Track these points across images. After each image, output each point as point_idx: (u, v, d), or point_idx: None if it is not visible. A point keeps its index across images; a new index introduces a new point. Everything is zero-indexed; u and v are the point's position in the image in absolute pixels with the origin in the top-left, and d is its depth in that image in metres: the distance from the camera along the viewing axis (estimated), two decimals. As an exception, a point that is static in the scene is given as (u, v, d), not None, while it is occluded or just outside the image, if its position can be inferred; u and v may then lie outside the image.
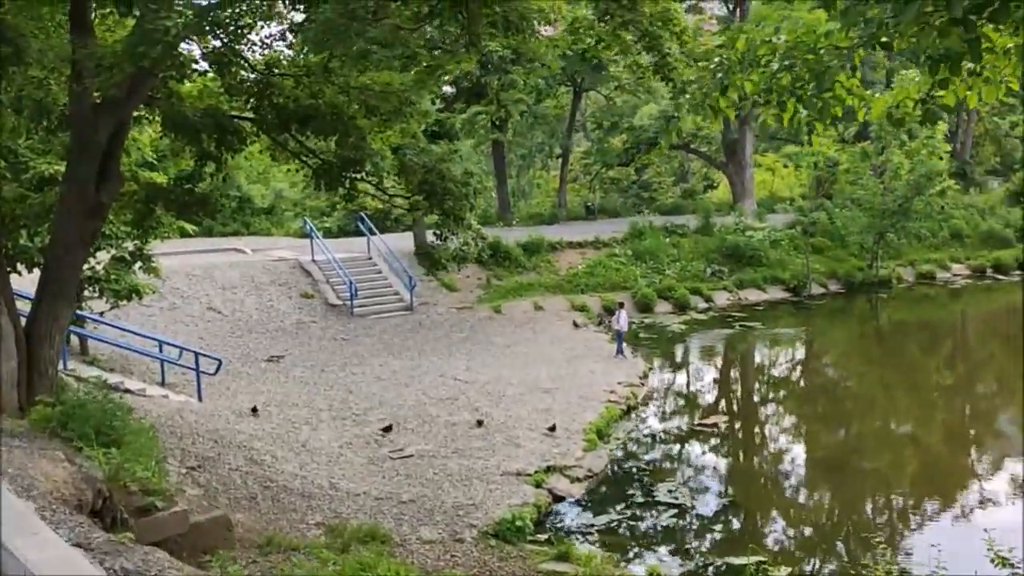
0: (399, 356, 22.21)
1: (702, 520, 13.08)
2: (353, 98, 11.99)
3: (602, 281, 30.07)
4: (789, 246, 33.20)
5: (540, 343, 23.71)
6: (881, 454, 16.73)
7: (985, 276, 34.28)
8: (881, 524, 13.42)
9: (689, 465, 15.86)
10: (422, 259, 29.60)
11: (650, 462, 15.79)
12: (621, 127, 43.63)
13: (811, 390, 22.08)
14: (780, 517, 13.69)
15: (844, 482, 15.23)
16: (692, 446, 16.63)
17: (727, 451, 16.91)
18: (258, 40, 11.87)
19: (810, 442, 17.90)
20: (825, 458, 16.74)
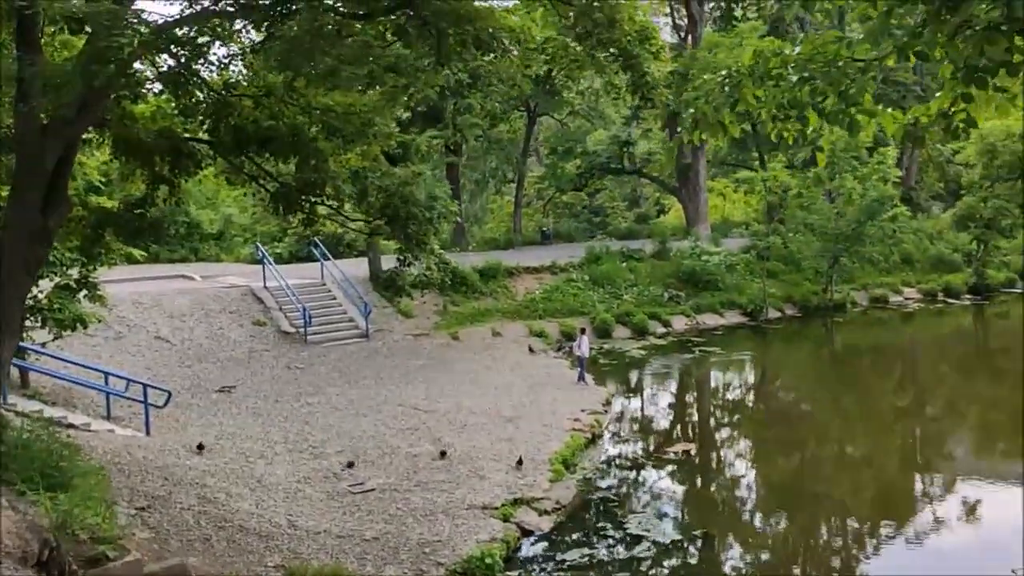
0: (356, 385, 21.63)
1: (675, 553, 12.78)
2: (315, 119, 11.57)
3: (560, 306, 29.86)
4: (745, 270, 33.42)
5: (500, 370, 23.32)
6: (844, 480, 16.71)
7: (936, 300, 34.88)
8: (846, 550, 13.32)
9: (658, 496, 15.57)
10: (377, 285, 29.12)
11: (619, 493, 15.48)
12: (575, 152, 43.72)
13: (774, 416, 22.01)
14: (752, 547, 13.46)
15: (812, 510, 15.10)
16: (660, 476, 16.35)
17: (696, 481, 16.68)
18: (215, 60, 11.40)
19: (777, 470, 17.76)
20: (792, 485, 16.59)
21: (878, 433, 19.92)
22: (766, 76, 5.93)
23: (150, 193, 13.28)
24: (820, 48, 5.80)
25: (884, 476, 17.11)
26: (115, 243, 14.19)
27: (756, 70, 5.98)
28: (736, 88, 6.09)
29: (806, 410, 22.65)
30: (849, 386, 24.61)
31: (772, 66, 5.93)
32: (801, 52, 5.86)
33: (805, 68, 5.72)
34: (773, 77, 5.90)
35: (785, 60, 5.93)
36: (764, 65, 5.96)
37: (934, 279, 35.59)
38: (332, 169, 11.90)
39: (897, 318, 32.98)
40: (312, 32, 8.18)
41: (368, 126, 11.94)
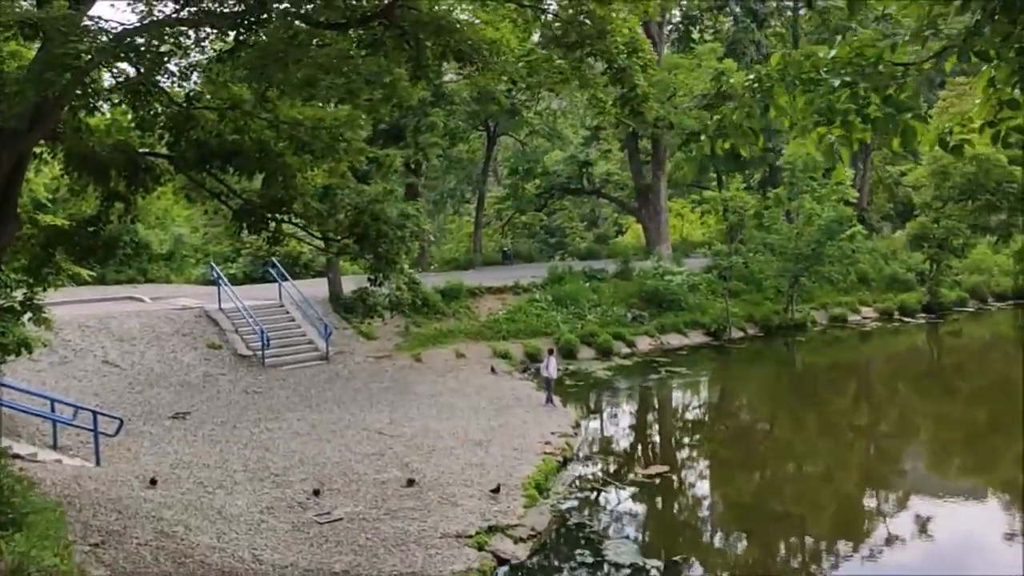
0: (317, 409, 20.95)
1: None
2: (282, 134, 11.05)
3: (523, 327, 29.47)
4: (707, 290, 33.41)
5: (466, 392, 22.81)
6: (815, 499, 16.65)
7: (892, 318, 35.25)
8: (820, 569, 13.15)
9: (634, 520, 15.22)
10: (338, 306, 28.46)
11: (594, 518, 15.08)
12: (535, 172, 43.57)
13: (742, 436, 21.83)
14: (732, 572, 13.15)
15: (787, 531, 14.89)
16: (635, 500, 16.01)
17: (671, 504, 16.36)
18: (177, 70, 10.84)
19: (750, 491, 17.52)
20: (765, 507, 16.36)
21: (841, 451, 19.97)
22: (798, 81, 5.59)
23: (104, 210, 12.62)
24: (858, 50, 5.49)
25: (849, 494, 17.10)
26: (65, 263, 13.45)
27: (786, 75, 5.65)
28: (768, 93, 5.74)
29: (773, 430, 22.53)
30: (813, 405, 24.62)
31: (804, 70, 5.60)
32: (837, 55, 5.54)
33: (846, 71, 5.40)
34: (805, 82, 5.57)
35: (816, 64, 5.61)
36: (795, 69, 5.62)
37: (890, 298, 36.02)
38: (301, 186, 11.37)
39: (856, 337, 33.25)
40: (286, 40, 7.71)
41: (338, 141, 11.45)
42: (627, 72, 10.63)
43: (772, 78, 5.69)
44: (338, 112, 11.30)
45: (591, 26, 9.03)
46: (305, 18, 8.55)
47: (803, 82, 5.55)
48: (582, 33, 9.07)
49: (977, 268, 38.73)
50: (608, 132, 47.76)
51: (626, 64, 10.45)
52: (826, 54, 5.64)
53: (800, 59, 5.68)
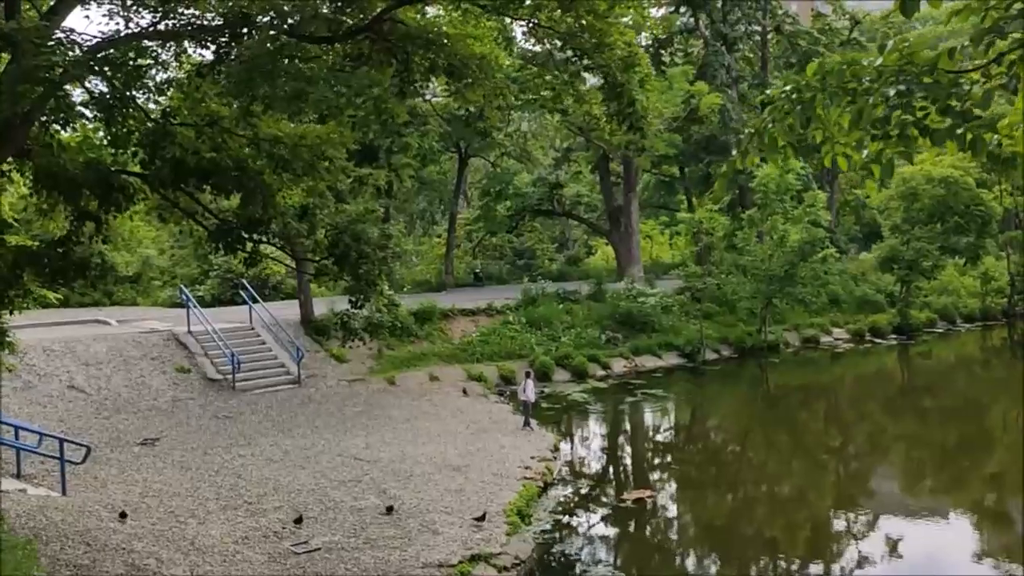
0: (290, 434, 20.45)
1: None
2: (263, 151, 10.75)
3: (497, 349, 29.20)
4: (680, 312, 33.40)
5: (442, 416, 22.45)
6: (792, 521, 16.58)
7: (864, 340, 35.47)
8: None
9: (619, 547, 14.95)
10: (309, 328, 27.99)
11: (578, 546, 14.79)
12: (507, 193, 43.47)
13: (722, 459, 21.74)
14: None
15: (769, 553, 14.71)
16: (619, 526, 15.74)
17: (654, 530, 16.12)
18: (153, 85, 10.53)
19: (733, 515, 17.33)
20: (749, 531, 16.19)
21: (817, 473, 19.94)
22: (842, 90, 5.37)
23: (74, 230, 12.19)
24: (908, 56, 5.26)
25: (825, 516, 17.12)
26: (34, 285, 12.97)
27: (826, 84, 5.42)
28: (810, 105, 5.48)
29: (751, 453, 22.43)
30: (788, 428, 24.62)
31: (846, 79, 5.37)
32: (885, 63, 5.31)
33: (890, 79, 5.19)
34: (850, 92, 5.35)
35: (856, 72, 5.39)
36: (836, 79, 5.39)
37: (861, 319, 36.27)
38: (280, 205, 11.05)
39: (828, 358, 33.39)
40: (273, 52, 7.44)
41: (319, 159, 11.17)
42: (625, 87, 10.45)
43: (812, 87, 5.43)
44: (319, 129, 11.01)
45: (588, 39, 8.85)
46: (290, 31, 8.29)
47: (844, 92, 5.31)
48: (580, 46, 8.88)
49: (945, 289, 39.20)
50: (579, 154, 47.91)
51: (624, 79, 10.26)
52: (870, 62, 5.42)
53: (840, 67, 5.44)
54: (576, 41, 8.98)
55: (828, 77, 5.40)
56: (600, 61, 9.30)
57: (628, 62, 10.31)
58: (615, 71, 9.85)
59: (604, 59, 9.34)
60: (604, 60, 9.36)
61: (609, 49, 9.29)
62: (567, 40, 8.98)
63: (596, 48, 9.08)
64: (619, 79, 10.07)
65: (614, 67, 9.74)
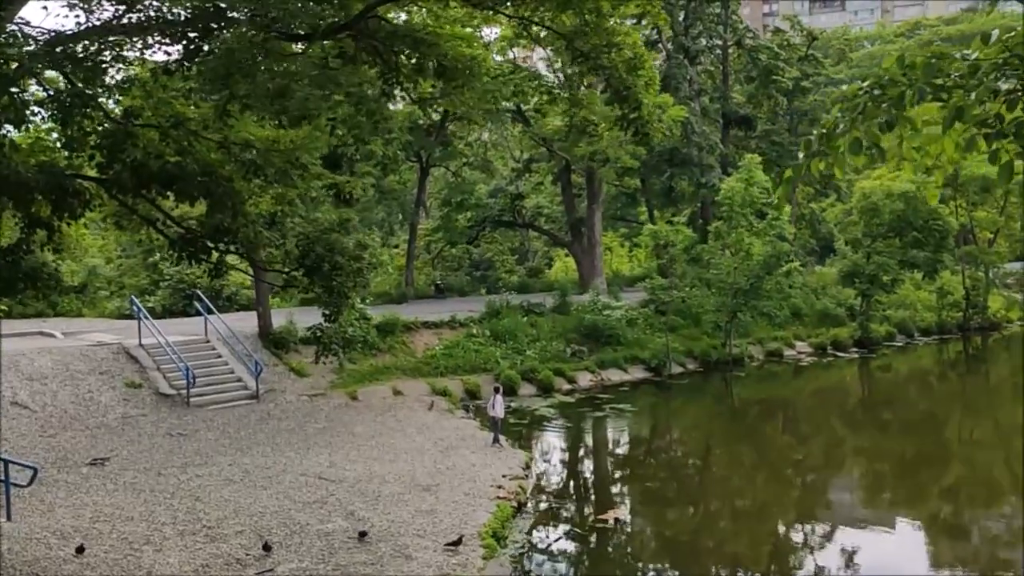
0: (249, 452, 19.59)
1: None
2: (233, 155, 10.07)
3: (462, 363, 28.58)
4: (645, 325, 33.12)
5: (407, 432, 21.75)
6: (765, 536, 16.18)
7: (826, 353, 35.57)
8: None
9: (597, 570, 14.41)
10: (267, 341, 27.08)
11: (556, 570, 14.24)
12: (468, 204, 42.95)
13: (693, 475, 21.39)
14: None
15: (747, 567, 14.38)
16: (596, 547, 15.22)
17: (632, 551, 15.63)
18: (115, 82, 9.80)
19: (708, 532, 16.95)
20: (729, 549, 15.82)
21: (784, 488, 19.80)
22: (928, 87, 4.87)
23: (25, 238, 11.34)
24: (1014, 48, 4.74)
25: (795, 530, 17.05)
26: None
27: (913, 80, 4.92)
28: (899, 104, 4.95)
29: (720, 469, 22.10)
30: (757, 443, 24.41)
31: (941, 72, 4.85)
32: (984, 55, 4.79)
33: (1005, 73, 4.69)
34: (948, 88, 4.85)
35: (945, 67, 4.86)
36: (925, 74, 4.88)
37: (823, 333, 36.41)
38: (251, 213, 10.37)
39: (793, 371, 33.40)
40: (255, 46, 6.82)
41: (293, 165, 10.52)
42: (632, 91, 9.96)
43: (898, 83, 4.91)
44: (293, 134, 10.37)
45: (593, 39, 8.37)
46: (266, 27, 7.67)
47: (935, 88, 4.81)
48: (587, 47, 8.39)
49: (902, 303, 39.60)
50: (540, 165, 47.65)
51: (631, 81, 9.77)
52: (964, 55, 4.93)
53: (929, 61, 4.93)
54: (582, 41, 8.49)
55: (910, 72, 4.91)
56: (605, 63, 8.82)
57: (633, 64, 9.81)
58: (622, 73, 9.37)
59: (610, 60, 8.86)
60: (610, 62, 8.88)
61: (617, 50, 8.82)
62: (571, 40, 8.49)
63: (602, 49, 8.61)
64: (625, 82, 9.58)
65: (621, 69, 9.25)
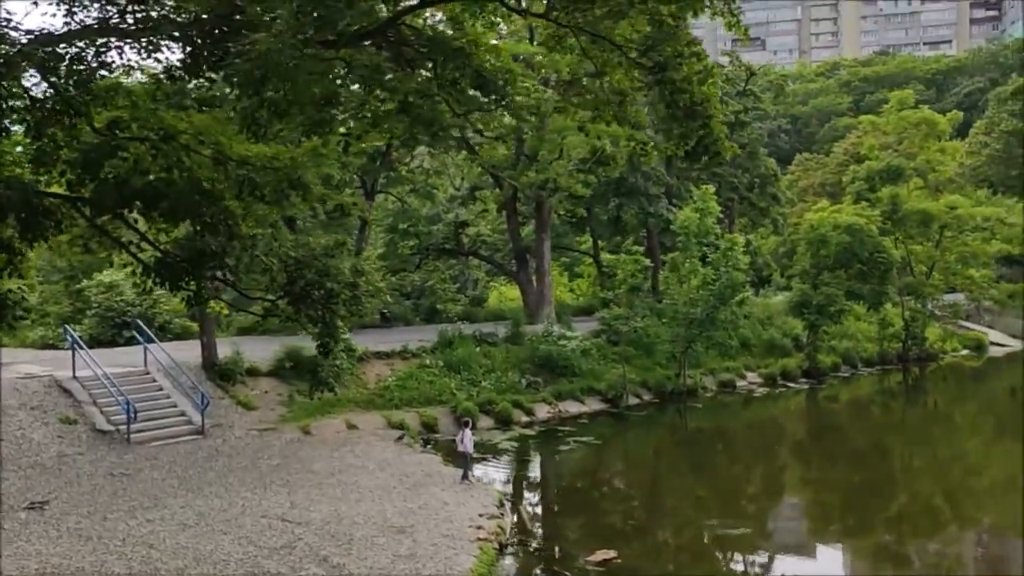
0: (201, 493, 18.27)
1: None
2: (230, 172, 9.20)
3: (416, 395, 27.64)
4: (598, 356, 32.72)
5: (369, 469, 20.69)
6: None
7: (776, 384, 35.75)
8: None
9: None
10: (213, 373, 25.67)
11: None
12: (412, 231, 42.10)
13: (662, 508, 20.91)
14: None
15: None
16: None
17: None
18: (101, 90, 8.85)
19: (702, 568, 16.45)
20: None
21: (744, 520, 19.61)
22: None
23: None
24: None
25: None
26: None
27: None
28: None
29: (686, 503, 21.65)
30: (722, 476, 24.16)
31: None
32: None
33: None
34: None
35: None
36: None
37: (772, 363, 36.62)
38: (247, 235, 9.47)
39: (746, 402, 33.40)
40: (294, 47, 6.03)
41: (292, 184, 9.67)
42: (705, 105, 9.31)
43: None
44: (294, 150, 9.53)
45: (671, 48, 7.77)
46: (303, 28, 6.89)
47: None
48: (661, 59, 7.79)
49: (846, 334, 40.25)
50: (484, 192, 47.14)
51: (701, 97, 9.14)
52: None
53: None
54: (656, 52, 7.93)
55: None
56: (675, 76, 8.25)
57: (703, 76, 9.14)
58: (695, 86, 8.75)
59: (681, 74, 8.28)
60: (682, 75, 8.30)
61: (691, 60, 8.24)
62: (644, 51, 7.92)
63: (674, 61, 8.05)
64: (694, 95, 8.91)
65: (695, 81, 8.66)
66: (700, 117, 9.52)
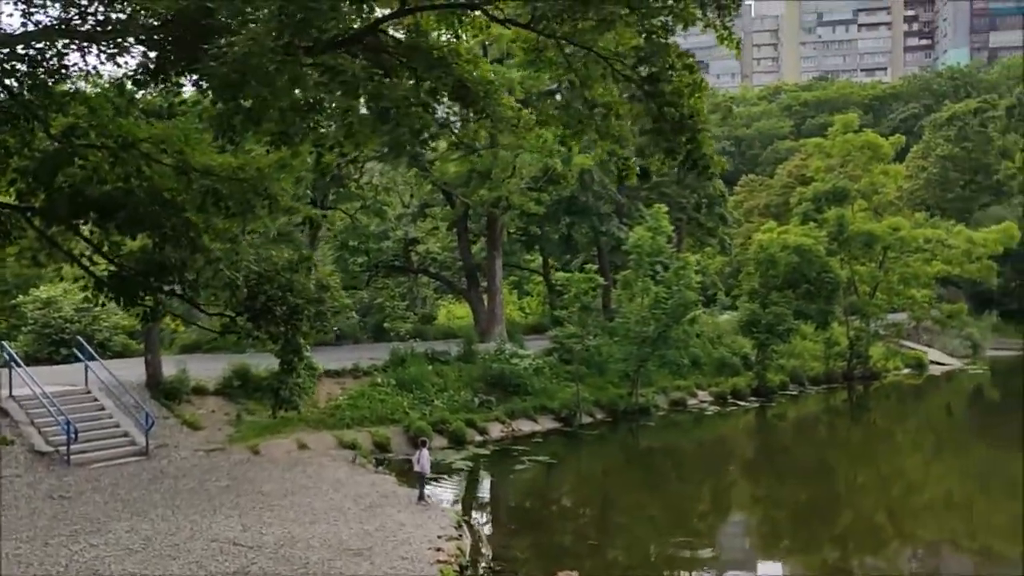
0: (147, 517, 17.57)
1: None
2: (192, 182, 8.86)
3: (368, 414, 27.15)
4: (551, 374, 32.61)
5: (322, 490, 20.18)
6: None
7: (727, 402, 36.05)
8: None
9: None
10: (157, 391, 24.90)
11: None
12: (363, 248, 41.63)
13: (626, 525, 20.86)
14: None
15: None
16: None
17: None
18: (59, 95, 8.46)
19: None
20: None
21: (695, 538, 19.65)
22: None
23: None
24: None
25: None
26: None
27: None
28: None
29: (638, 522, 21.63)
30: (676, 494, 24.24)
31: None
32: None
33: None
34: None
35: None
36: None
37: (722, 381, 36.94)
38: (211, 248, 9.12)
39: (697, 420, 33.59)
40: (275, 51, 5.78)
41: (259, 195, 9.37)
42: (693, 119, 9.13)
43: None
44: (261, 160, 9.23)
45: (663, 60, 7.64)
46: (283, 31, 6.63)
47: None
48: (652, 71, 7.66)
49: (792, 353, 40.86)
50: (435, 209, 46.92)
51: (690, 110, 8.98)
52: None
53: None
54: (648, 64, 7.81)
55: None
56: (666, 89, 8.13)
57: (692, 89, 8.97)
58: (685, 99, 8.61)
59: (672, 86, 8.16)
60: (672, 87, 8.18)
61: (680, 73, 8.11)
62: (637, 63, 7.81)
63: (666, 72, 7.94)
64: (683, 108, 8.76)
65: (686, 93, 8.53)
66: (689, 130, 9.41)
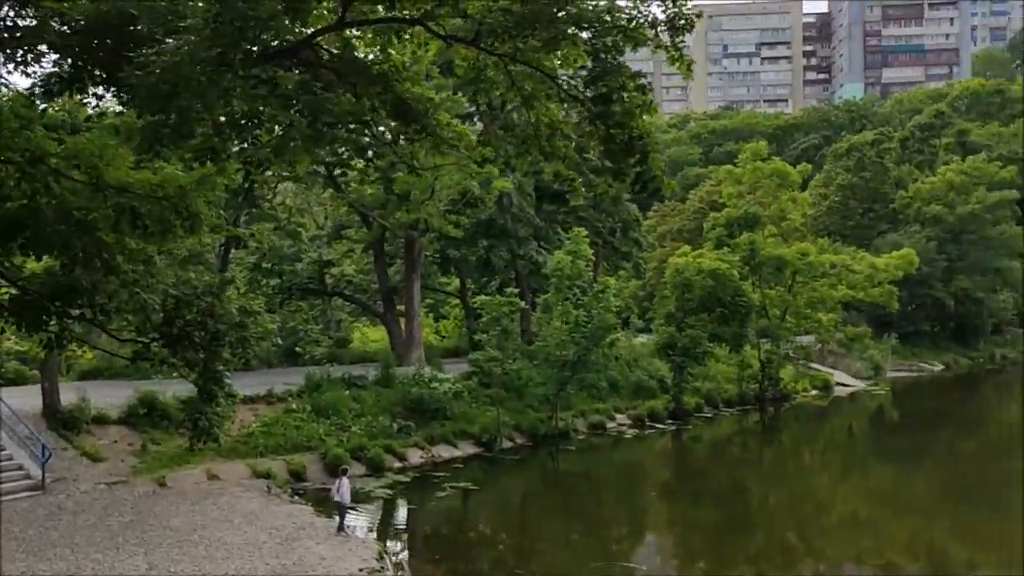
0: (43, 556, 16.45)
1: None
2: (109, 199, 8.29)
3: (283, 441, 26.25)
4: (471, 398, 32.19)
5: (235, 523, 19.27)
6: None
7: (645, 425, 36.21)
8: None
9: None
10: (54, 421, 23.49)
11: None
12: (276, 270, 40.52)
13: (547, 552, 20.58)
14: None
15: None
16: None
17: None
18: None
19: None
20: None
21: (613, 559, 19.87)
22: None
23: None
24: None
25: None
26: None
27: None
28: None
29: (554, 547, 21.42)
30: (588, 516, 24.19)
31: None
32: None
33: None
34: None
35: None
36: None
37: (640, 404, 37.09)
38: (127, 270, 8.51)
39: (615, 444, 33.64)
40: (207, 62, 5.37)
41: (179, 213, 8.83)
42: (644, 140, 8.93)
43: None
44: (182, 177, 8.70)
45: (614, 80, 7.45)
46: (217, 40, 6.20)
47: None
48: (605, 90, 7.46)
49: (707, 376, 41.46)
50: (350, 232, 46.13)
51: (640, 131, 8.80)
52: None
53: None
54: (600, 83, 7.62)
55: None
56: (618, 109, 7.95)
57: (645, 108, 8.81)
58: (638, 118, 8.44)
59: (624, 107, 7.99)
60: (624, 107, 8.01)
61: (632, 93, 7.93)
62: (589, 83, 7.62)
63: (617, 92, 7.76)
64: (632, 129, 8.57)
65: (637, 114, 8.37)
66: (638, 151, 9.27)
